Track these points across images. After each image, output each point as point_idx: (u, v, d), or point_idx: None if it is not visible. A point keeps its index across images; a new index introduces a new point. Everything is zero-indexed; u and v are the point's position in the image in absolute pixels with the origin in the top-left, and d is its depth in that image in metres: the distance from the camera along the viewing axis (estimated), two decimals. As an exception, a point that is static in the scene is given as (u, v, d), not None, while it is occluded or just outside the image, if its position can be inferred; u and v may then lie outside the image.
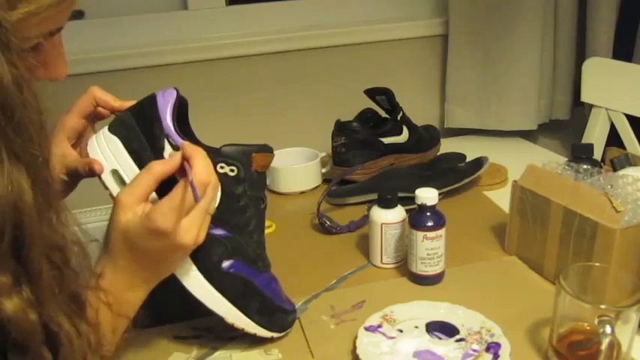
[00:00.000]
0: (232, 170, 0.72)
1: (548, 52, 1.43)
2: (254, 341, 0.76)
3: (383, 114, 1.28)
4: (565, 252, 0.82)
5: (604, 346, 0.61)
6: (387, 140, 1.24)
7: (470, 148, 1.27)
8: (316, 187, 1.23)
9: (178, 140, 0.71)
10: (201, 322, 0.80)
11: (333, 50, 1.44)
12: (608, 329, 0.61)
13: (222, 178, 0.70)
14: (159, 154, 0.71)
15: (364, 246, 0.97)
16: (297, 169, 1.23)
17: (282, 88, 1.44)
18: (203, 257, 0.70)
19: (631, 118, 1.33)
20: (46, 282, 0.48)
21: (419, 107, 1.42)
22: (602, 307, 0.64)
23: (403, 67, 1.50)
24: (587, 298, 0.66)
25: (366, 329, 0.75)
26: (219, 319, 0.73)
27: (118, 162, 0.71)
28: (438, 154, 1.31)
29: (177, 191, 0.63)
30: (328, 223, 1.04)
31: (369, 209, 0.95)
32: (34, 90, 0.48)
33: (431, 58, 1.51)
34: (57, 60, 0.58)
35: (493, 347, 0.71)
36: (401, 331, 0.75)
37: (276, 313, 0.75)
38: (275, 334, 0.75)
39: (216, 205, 0.68)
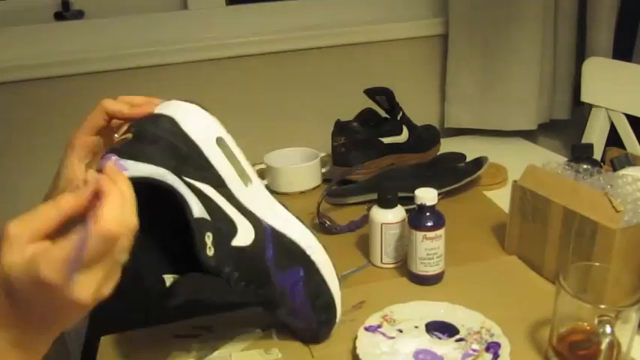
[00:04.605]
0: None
1: (548, 52, 1.42)
2: (254, 341, 0.76)
3: (383, 114, 1.27)
4: (565, 252, 0.82)
5: (604, 346, 0.61)
6: (387, 140, 1.24)
7: (470, 148, 1.27)
8: (316, 187, 1.23)
9: None
10: (201, 322, 0.80)
11: (333, 50, 1.44)
12: (608, 329, 0.61)
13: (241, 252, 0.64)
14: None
15: (364, 246, 0.97)
16: (297, 169, 1.23)
17: (282, 88, 1.44)
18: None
19: (631, 118, 1.33)
20: None
21: (419, 107, 1.42)
22: (602, 307, 0.64)
23: (403, 67, 1.50)
24: (587, 298, 0.66)
25: (366, 329, 0.75)
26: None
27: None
28: (438, 154, 1.31)
29: (74, 237, 0.48)
30: (328, 223, 1.04)
31: (369, 209, 0.95)
32: None
33: (431, 58, 1.51)
34: None
35: (493, 347, 0.71)
36: (401, 331, 0.75)
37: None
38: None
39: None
